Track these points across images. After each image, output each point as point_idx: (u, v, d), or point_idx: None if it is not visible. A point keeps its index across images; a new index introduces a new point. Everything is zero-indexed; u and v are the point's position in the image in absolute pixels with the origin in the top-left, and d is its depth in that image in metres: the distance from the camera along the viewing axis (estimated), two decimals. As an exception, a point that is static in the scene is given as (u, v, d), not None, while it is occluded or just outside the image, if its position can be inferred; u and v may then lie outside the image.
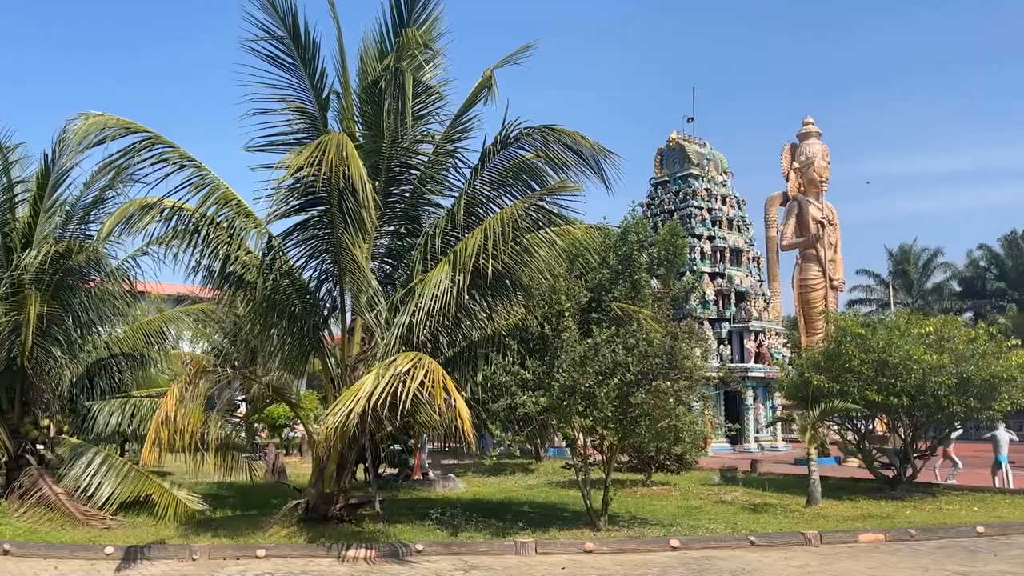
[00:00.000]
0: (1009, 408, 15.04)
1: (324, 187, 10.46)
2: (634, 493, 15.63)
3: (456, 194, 11.96)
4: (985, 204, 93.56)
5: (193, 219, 10.79)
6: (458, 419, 8.31)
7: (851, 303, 53.06)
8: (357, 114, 12.27)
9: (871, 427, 16.80)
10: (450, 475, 17.22)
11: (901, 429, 16.00)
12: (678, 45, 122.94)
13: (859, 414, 15.72)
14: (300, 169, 9.48)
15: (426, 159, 12.30)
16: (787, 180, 31.63)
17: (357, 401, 8.65)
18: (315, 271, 11.87)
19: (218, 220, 10.96)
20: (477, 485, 17.11)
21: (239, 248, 10.99)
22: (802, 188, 31.09)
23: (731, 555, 9.93)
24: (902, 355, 14.40)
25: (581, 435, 11.44)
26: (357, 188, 9.64)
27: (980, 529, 11.35)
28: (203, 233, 10.85)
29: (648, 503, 14.22)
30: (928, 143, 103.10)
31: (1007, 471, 16.60)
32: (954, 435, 17.17)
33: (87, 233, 13.44)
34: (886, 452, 16.80)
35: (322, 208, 11.21)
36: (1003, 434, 16.68)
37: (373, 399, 8.54)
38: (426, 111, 12.22)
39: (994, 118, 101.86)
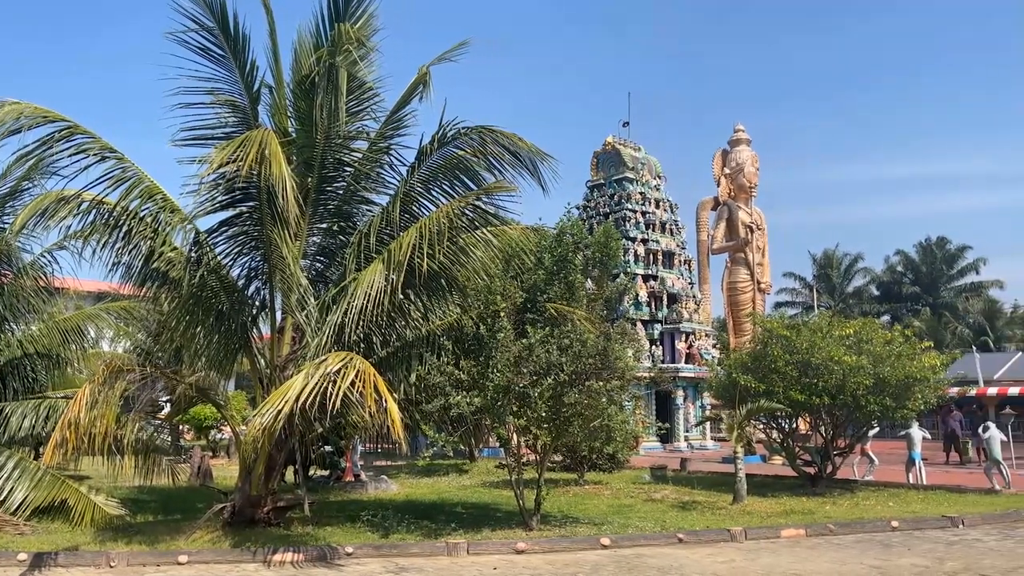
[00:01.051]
0: (922, 407, 15.76)
1: (253, 183, 10.21)
2: (567, 492, 15.75)
3: (391, 192, 11.85)
4: (903, 212, 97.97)
5: (114, 213, 10.38)
6: (389, 420, 8.20)
7: (778, 305, 54.84)
8: (290, 109, 12.03)
9: (794, 426, 17.35)
10: (383, 476, 17.04)
11: (822, 427, 16.58)
12: (616, 51, 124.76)
13: (783, 413, 16.22)
14: (225, 165, 9.23)
15: (361, 156, 12.13)
16: (718, 185, 32.43)
17: (286, 401, 8.47)
18: (244, 268, 11.61)
19: (141, 215, 10.57)
20: (410, 486, 16.98)
21: (164, 244, 10.62)
22: (732, 193, 31.92)
23: (660, 552, 10.11)
24: (824, 356, 14.93)
25: (515, 435, 11.47)
26: (278, 187, 9.42)
27: (895, 524, 11.84)
28: (125, 228, 10.47)
29: (580, 502, 14.35)
30: (851, 152, 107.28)
31: (920, 468, 17.37)
32: (871, 433, 17.89)
33: (1, 226, 12.79)
34: (808, 450, 17.37)
35: (251, 204, 10.95)
36: (916, 432, 17.44)
37: (302, 399, 8.38)
38: (361, 107, 12.07)
39: (911, 130, 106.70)
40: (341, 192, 12.19)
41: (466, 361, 11.13)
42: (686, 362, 30.04)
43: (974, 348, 34.43)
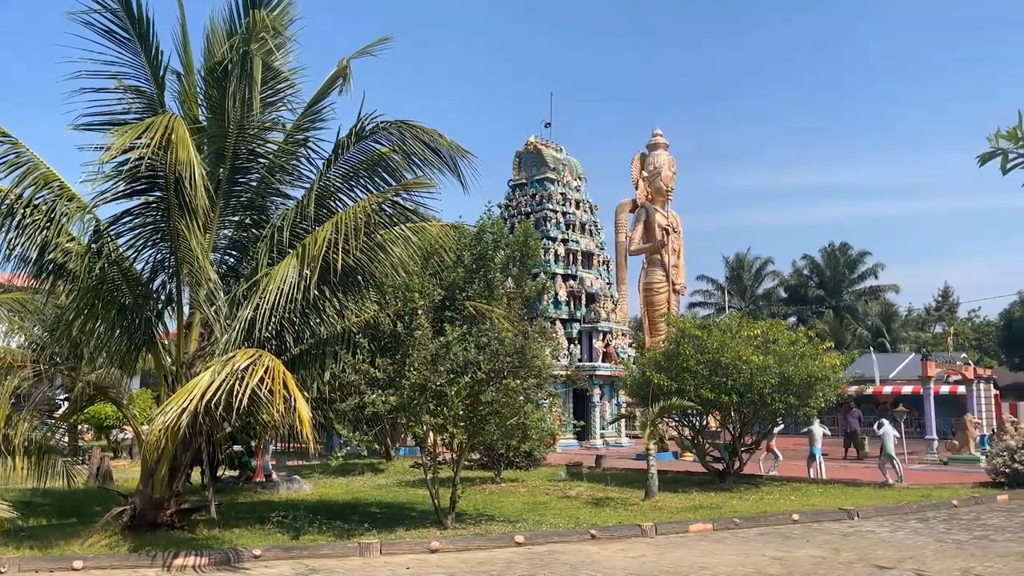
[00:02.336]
0: (823, 405, 16.52)
1: (159, 171, 9.79)
2: (483, 490, 15.77)
3: (308, 185, 11.58)
4: (811, 218, 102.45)
5: (7, 201, 9.79)
6: (298, 419, 8.00)
7: (692, 306, 56.46)
8: (201, 97, 11.60)
9: (705, 423, 17.89)
10: (295, 476, 16.66)
11: (731, 425, 17.15)
12: (539, 52, 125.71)
13: (694, 411, 16.70)
14: (128, 150, 8.81)
15: (276, 148, 11.81)
16: (636, 188, 33.09)
17: (191, 400, 8.15)
18: (149, 261, 11.09)
19: (36, 203, 10.00)
20: (324, 486, 16.66)
21: (60, 234, 10.05)
22: (650, 196, 32.64)
23: (573, 549, 10.23)
24: (733, 356, 15.45)
25: (431, 434, 11.40)
26: (186, 175, 9.06)
27: (795, 517, 12.35)
28: (18, 217, 9.88)
29: (496, 500, 14.39)
30: (765, 160, 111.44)
31: (820, 463, 18.19)
32: (776, 430, 18.63)
33: None
34: (717, 446, 17.95)
35: (158, 194, 10.48)
36: (817, 429, 18.26)
37: (207, 397, 8.08)
38: (276, 98, 11.74)
39: (823, 139, 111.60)
40: (255, 184, 11.83)
41: (382, 359, 10.98)
42: (603, 361, 30.54)
43: (872, 349, 36.32)
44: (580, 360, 30.31)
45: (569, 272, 31.98)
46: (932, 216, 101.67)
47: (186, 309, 11.02)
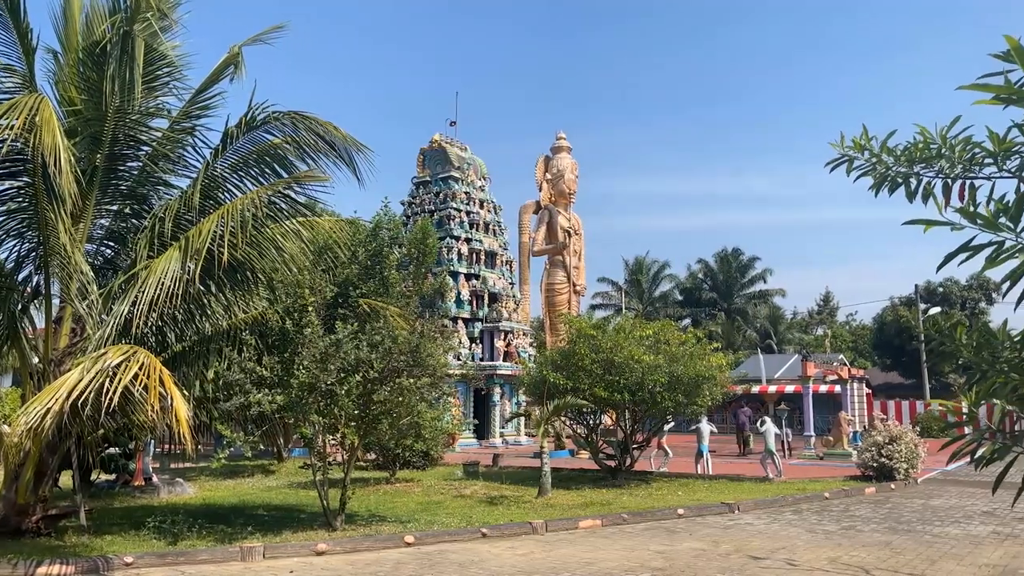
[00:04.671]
0: (710, 403, 17.16)
1: (24, 155, 9.15)
2: (377, 491, 15.56)
3: (194, 175, 11.08)
4: (707, 223, 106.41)
5: None
6: (175, 419, 7.64)
7: (592, 307, 57.58)
8: (80, 78, 10.93)
9: (599, 421, 18.26)
10: (178, 480, 15.93)
11: (623, 423, 17.58)
12: (446, 50, 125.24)
13: (589, 409, 17.02)
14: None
15: (160, 135, 11.26)
16: (540, 190, 33.45)
17: (56, 399, 7.65)
18: (14, 251, 10.36)
19: None
20: (209, 489, 16.02)
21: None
22: (553, 198, 33.06)
23: (463, 548, 10.22)
24: (626, 355, 15.84)
25: (321, 434, 11.14)
26: (51, 160, 8.51)
27: (680, 511, 12.78)
28: None
29: (390, 500, 14.22)
30: (665, 166, 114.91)
31: (707, 459, 18.90)
32: (666, 427, 19.24)
33: None
34: (611, 444, 18.36)
35: (25, 179, 9.79)
36: (705, 426, 18.96)
37: (74, 397, 7.60)
38: (161, 83, 11.19)
39: (722, 149, 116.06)
40: (136, 172, 11.24)
41: (270, 357, 10.65)
42: (504, 360, 30.72)
43: (759, 350, 38.09)
44: (481, 359, 30.38)
45: (472, 271, 32.01)
46: (816, 225, 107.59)
47: (55, 303, 10.35)
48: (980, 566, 8.91)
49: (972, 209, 2.93)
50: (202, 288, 10.42)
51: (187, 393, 9.32)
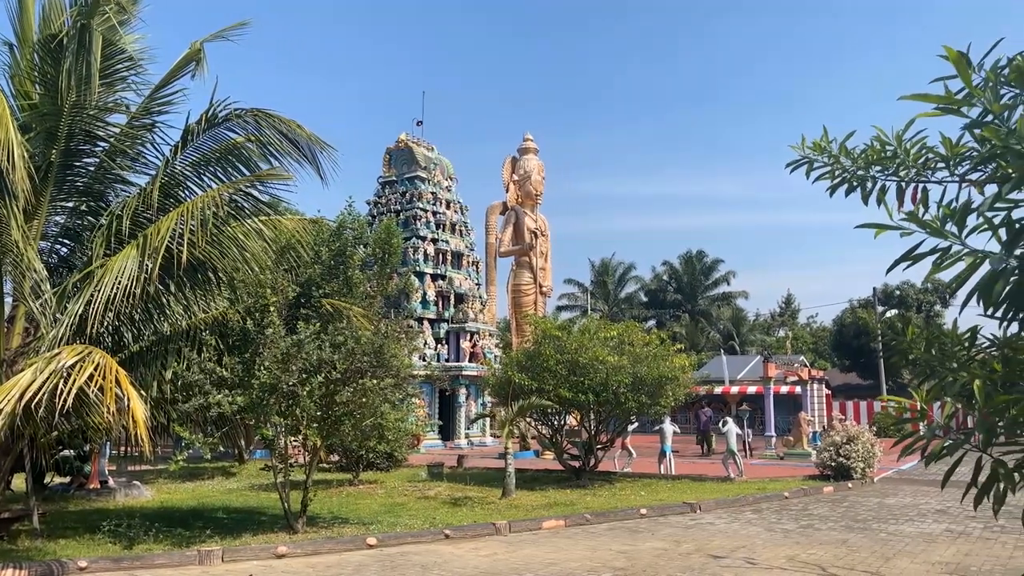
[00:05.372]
0: (673, 403, 17.32)
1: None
2: (340, 493, 15.42)
3: (154, 172, 10.89)
4: (672, 226, 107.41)
5: None
6: (132, 421, 7.49)
7: (559, 308, 57.78)
8: (36, 72, 10.66)
9: (563, 422, 18.32)
10: (135, 482, 15.62)
11: (587, 423, 17.67)
12: (414, 50, 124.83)
13: (553, 410, 17.07)
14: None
15: (118, 131, 11.03)
16: (507, 191, 33.54)
17: (7, 401, 7.43)
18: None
19: None
20: (167, 492, 15.74)
21: None
22: (520, 199, 33.17)
23: (426, 549, 10.18)
24: (590, 356, 15.91)
25: (282, 435, 11.01)
26: (3, 155, 8.29)
27: (643, 511, 12.87)
28: None
29: (353, 502, 14.11)
30: (632, 168, 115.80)
31: (670, 460, 19.08)
32: (630, 428, 19.38)
33: None
34: (576, 444, 18.44)
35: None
36: (668, 427, 19.14)
37: (27, 398, 7.40)
38: (120, 78, 10.97)
39: (690, 152, 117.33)
40: (93, 169, 11.00)
41: (230, 358, 10.49)
42: (470, 361, 30.68)
43: (722, 351, 38.57)
44: (447, 360, 30.29)
45: (438, 272, 31.91)
46: (779, 228, 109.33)
47: (8, 301, 10.07)
48: (933, 563, 9.12)
49: (922, 214, 3.00)
50: (161, 287, 10.23)
51: (144, 394, 9.13)
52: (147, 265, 9.25)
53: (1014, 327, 2.95)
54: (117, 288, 8.99)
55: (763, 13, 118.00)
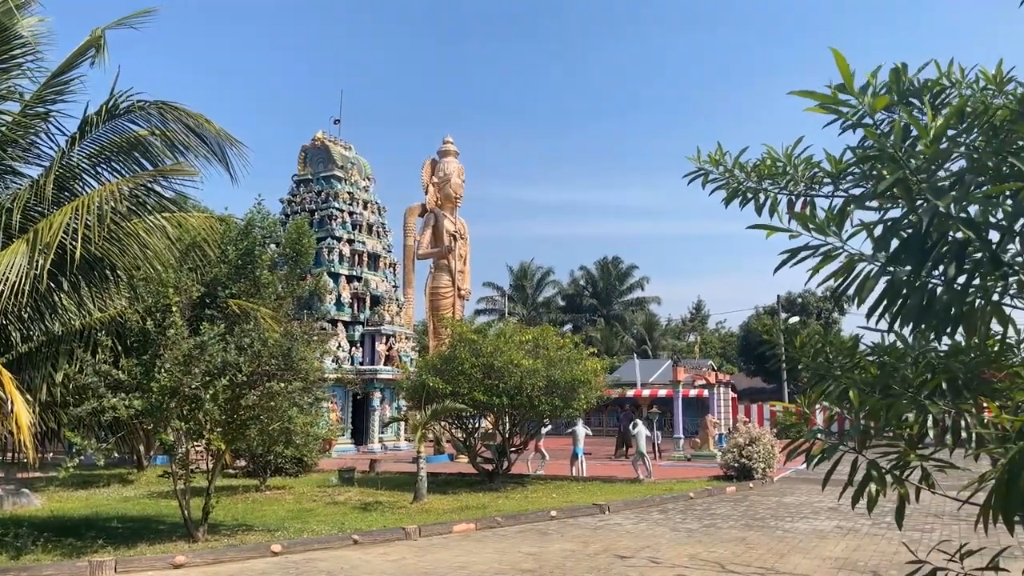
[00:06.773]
0: (585, 406, 17.60)
1: None
2: (245, 499, 14.97)
3: (48, 164, 10.34)
4: (591, 233, 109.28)
5: None
6: (15, 425, 7.08)
7: (477, 312, 57.82)
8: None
9: (478, 425, 18.35)
10: (24, 490, 14.74)
11: (501, 426, 17.75)
12: (333, 49, 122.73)
13: (468, 413, 17.06)
14: None
15: (10, 120, 10.42)
16: (426, 193, 33.31)
17: None
18: None
19: None
20: (59, 500, 14.93)
21: None
22: (439, 202, 33.00)
23: (333, 555, 10.00)
24: (505, 359, 16.00)
25: (184, 440, 10.60)
26: None
27: (553, 513, 13.02)
28: None
29: (259, 508, 13.72)
30: (553, 175, 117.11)
31: (582, 462, 19.38)
32: (544, 431, 19.58)
33: None
34: (490, 447, 18.49)
35: None
36: (580, 429, 19.44)
37: None
38: (15, 64, 10.37)
39: (610, 162, 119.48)
40: (-20, 158, 10.35)
41: (128, 360, 10.04)
42: (385, 364, 30.33)
43: (635, 355, 39.44)
44: (362, 363, 29.84)
45: (354, 273, 31.42)
46: (691, 235, 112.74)
47: None
48: (824, 558, 9.59)
49: (808, 220, 3.15)
50: (53, 285, 9.72)
51: (31, 397, 8.65)
52: (38, 261, 8.76)
53: (892, 336, 3.14)
54: (4, 285, 8.50)
55: (688, 24, 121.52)
